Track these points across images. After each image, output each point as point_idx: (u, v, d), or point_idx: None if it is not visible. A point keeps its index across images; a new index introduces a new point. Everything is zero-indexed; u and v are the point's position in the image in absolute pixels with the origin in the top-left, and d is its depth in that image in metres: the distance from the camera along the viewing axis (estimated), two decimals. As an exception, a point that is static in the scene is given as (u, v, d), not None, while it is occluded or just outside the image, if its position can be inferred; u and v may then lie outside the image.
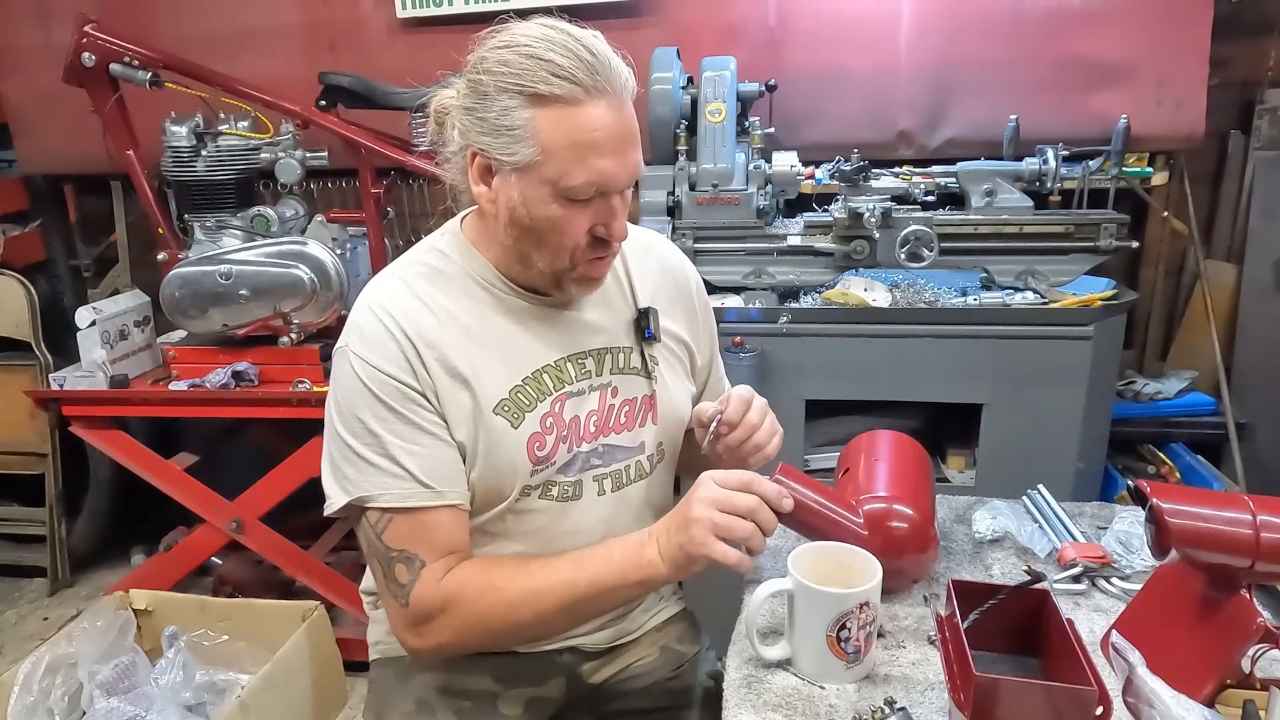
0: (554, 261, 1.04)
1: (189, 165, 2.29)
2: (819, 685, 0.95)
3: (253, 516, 2.36)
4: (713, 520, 0.94)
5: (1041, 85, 2.31)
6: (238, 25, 2.64)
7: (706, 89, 2.06)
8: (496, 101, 0.98)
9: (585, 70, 0.96)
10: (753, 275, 2.10)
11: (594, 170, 0.97)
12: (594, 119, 0.96)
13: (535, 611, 1.03)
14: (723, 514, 0.95)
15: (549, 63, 0.95)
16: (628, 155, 1.00)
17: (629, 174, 1.01)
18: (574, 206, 0.99)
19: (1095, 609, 1.07)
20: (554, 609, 1.03)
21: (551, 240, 1.02)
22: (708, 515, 0.94)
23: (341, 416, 1.06)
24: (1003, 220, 2.00)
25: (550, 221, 1.00)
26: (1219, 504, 0.88)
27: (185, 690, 1.88)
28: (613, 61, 0.99)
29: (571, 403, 1.12)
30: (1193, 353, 2.47)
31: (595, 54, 0.97)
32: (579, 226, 1.01)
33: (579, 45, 0.97)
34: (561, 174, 0.97)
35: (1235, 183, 2.43)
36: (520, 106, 0.97)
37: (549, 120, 0.96)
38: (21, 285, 2.74)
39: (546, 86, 0.95)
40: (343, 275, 2.26)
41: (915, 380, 2.00)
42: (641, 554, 1.00)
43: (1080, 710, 0.78)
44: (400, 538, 1.04)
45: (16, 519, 2.94)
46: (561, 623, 1.08)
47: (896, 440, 1.24)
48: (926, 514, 1.09)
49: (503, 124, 0.98)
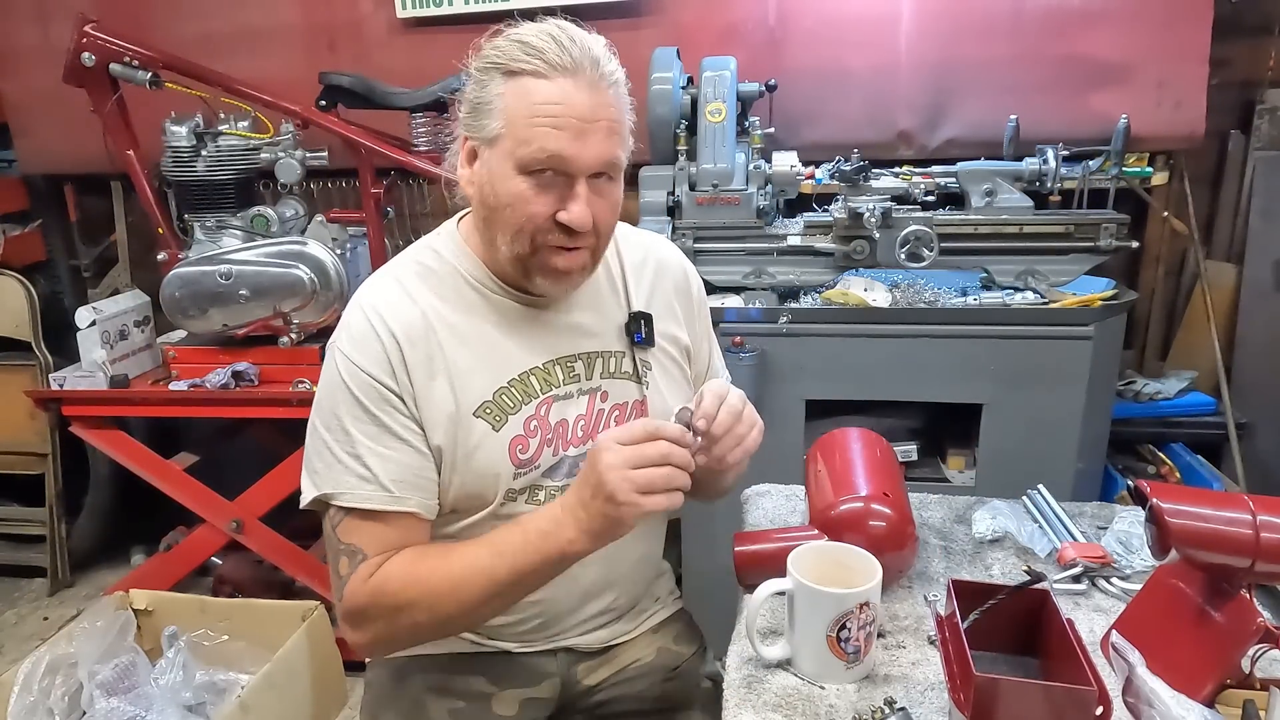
0: (514, 243, 1.03)
1: (189, 165, 2.29)
2: (819, 685, 0.95)
3: (253, 516, 2.36)
4: (631, 480, 0.92)
5: (1041, 85, 2.31)
6: (238, 25, 2.64)
7: (706, 89, 2.06)
8: (479, 80, 1.02)
9: (558, 50, 0.98)
10: (753, 275, 2.10)
11: (548, 141, 0.97)
12: (554, 92, 0.97)
13: (458, 602, 1.02)
14: (638, 470, 0.93)
15: (526, 43, 0.99)
16: (589, 138, 0.98)
17: (591, 157, 0.99)
18: (532, 183, 0.99)
19: (1095, 609, 1.07)
20: (478, 599, 1.02)
21: (511, 219, 1.01)
22: (623, 476, 0.92)
23: (320, 411, 1.08)
24: (1003, 220, 2.00)
25: (511, 198, 1.00)
26: (1219, 504, 0.88)
27: (185, 690, 1.88)
28: (594, 50, 1.00)
29: (558, 406, 1.12)
30: (1193, 353, 2.47)
31: (575, 39, 0.99)
32: (537, 206, 1.00)
33: (562, 32, 1.00)
34: (518, 144, 0.98)
35: (1235, 183, 2.43)
36: (495, 82, 1.00)
37: (514, 92, 0.99)
38: (21, 285, 2.74)
39: (518, 62, 0.98)
40: (343, 275, 2.26)
41: (915, 380, 2.00)
42: (559, 534, 0.98)
43: (1080, 710, 0.78)
44: (350, 533, 1.05)
45: (16, 519, 2.94)
46: (487, 611, 1.07)
47: (865, 438, 1.25)
48: (904, 511, 1.10)
49: (480, 99, 1.01)
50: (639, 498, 0.93)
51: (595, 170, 1.00)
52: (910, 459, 2.13)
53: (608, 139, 1.00)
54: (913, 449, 2.14)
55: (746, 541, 1.12)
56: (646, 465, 0.93)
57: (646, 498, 0.93)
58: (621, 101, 1.03)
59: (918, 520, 1.18)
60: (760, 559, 1.08)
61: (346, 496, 1.04)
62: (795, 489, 1.39)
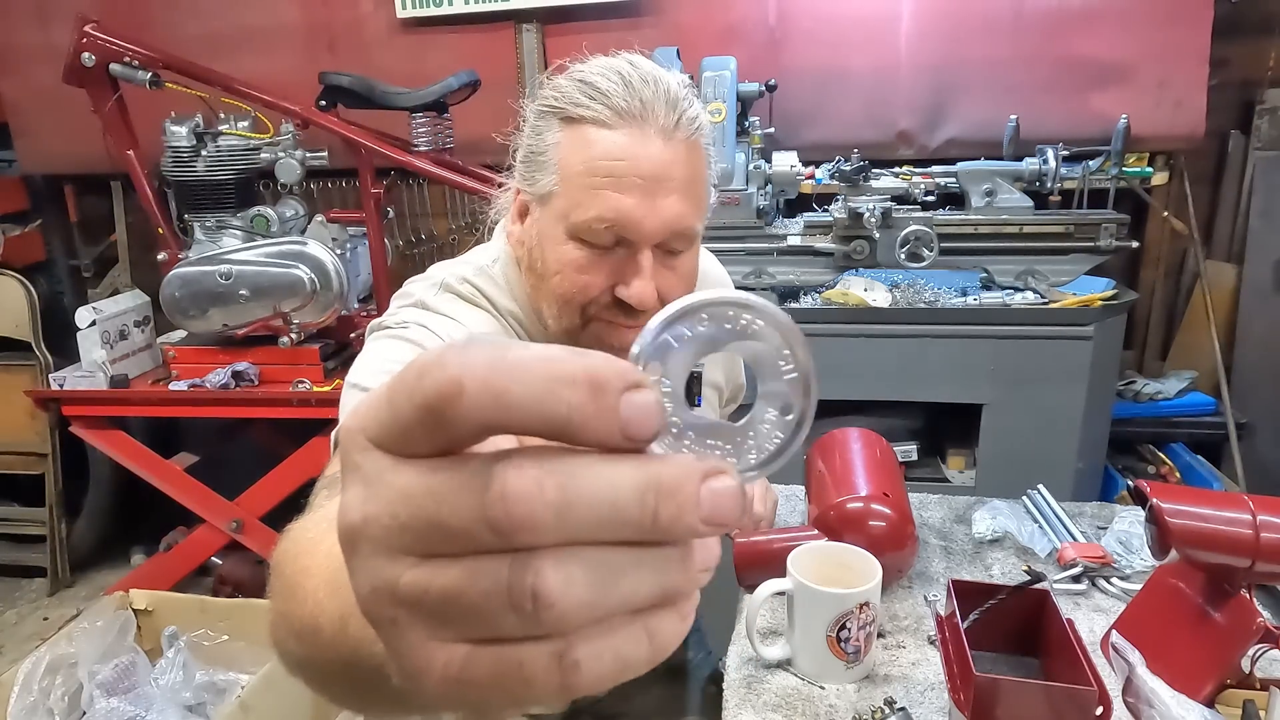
0: (564, 318, 0.89)
1: (189, 165, 2.29)
2: (819, 685, 0.95)
3: (253, 516, 2.36)
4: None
5: (1041, 85, 2.31)
6: (237, 25, 2.64)
7: (706, 89, 2.06)
8: (535, 125, 0.88)
9: (624, 92, 0.82)
10: (753, 275, 2.10)
11: (607, 205, 0.82)
12: (618, 145, 0.82)
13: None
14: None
15: (590, 85, 0.84)
16: (658, 199, 0.83)
17: (658, 224, 0.83)
18: (589, 252, 0.85)
19: (1095, 609, 1.07)
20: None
21: (560, 289, 0.87)
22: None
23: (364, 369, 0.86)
24: (1003, 220, 2.00)
25: (560, 265, 0.86)
26: (1219, 504, 0.88)
27: (185, 690, 1.88)
28: (671, 88, 0.84)
29: None
30: (1193, 353, 2.47)
31: (647, 80, 0.83)
32: (593, 278, 0.85)
33: (633, 70, 0.84)
34: (573, 205, 0.83)
35: (1235, 183, 2.43)
36: (552, 129, 0.85)
37: (572, 143, 0.84)
38: (21, 285, 2.74)
39: (578, 108, 0.83)
40: (343, 275, 2.26)
41: (915, 380, 2.00)
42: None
43: (1080, 710, 0.78)
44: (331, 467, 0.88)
45: (16, 519, 2.94)
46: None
47: (865, 438, 1.25)
48: (904, 510, 1.10)
49: (534, 148, 0.87)
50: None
51: (662, 239, 0.85)
52: (910, 459, 2.13)
53: (681, 202, 0.84)
54: (913, 449, 2.14)
55: (746, 541, 1.12)
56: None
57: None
58: (700, 155, 0.86)
59: (918, 520, 1.18)
60: (760, 558, 1.08)
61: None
62: (795, 489, 1.39)
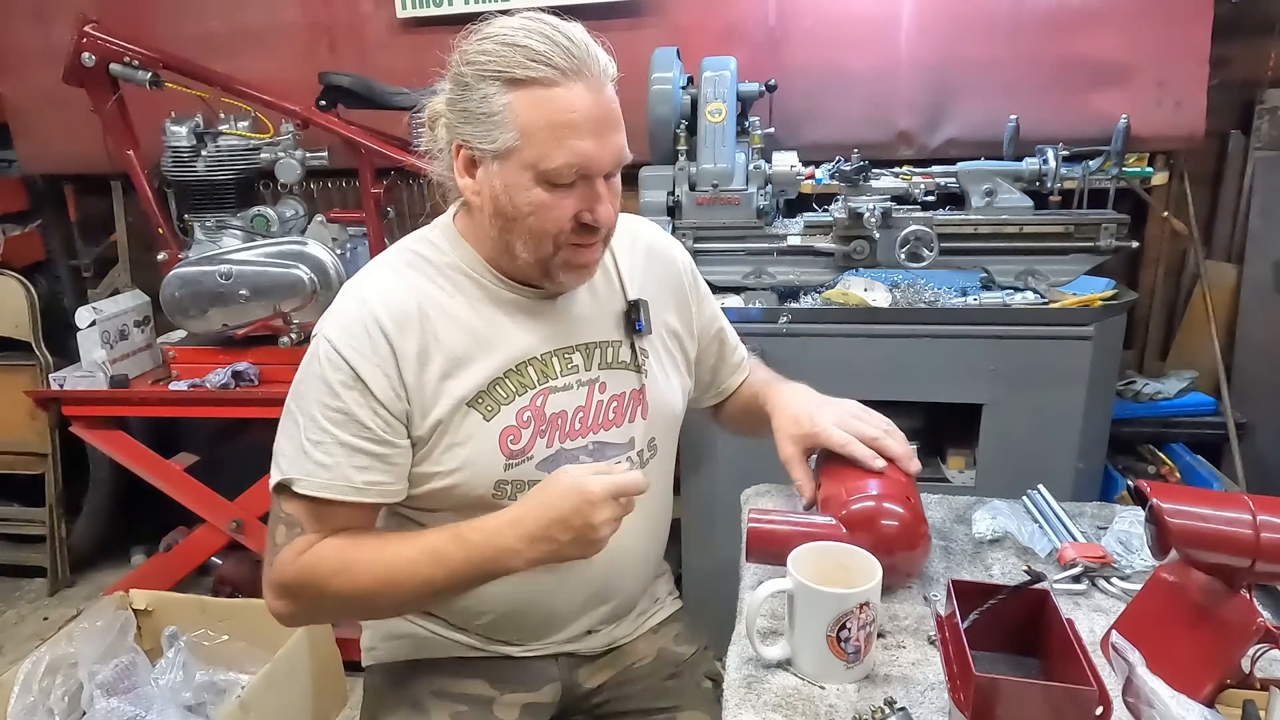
0: (538, 249, 1.04)
1: (189, 165, 2.29)
2: (819, 685, 0.95)
3: (253, 516, 2.36)
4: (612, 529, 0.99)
5: (1041, 85, 2.31)
6: (238, 25, 2.64)
7: (706, 89, 2.06)
8: (476, 90, 0.99)
9: (562, 54, 0.97)
10: (753, 275, 2.10)
11: (573, 151, 0.97)
12: (571, 100, 0.97)
13: (391, 601, 1.07)
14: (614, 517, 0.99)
15: (525, 48, 0.97)
16: (608, 137, 1.00)
17: (611, 156, 1.01)
18: (556, 191, 1.00)
19: (1095, 609, 1.07)
20: (409, 598, 1.07)
21: (534, 226, 1.02)
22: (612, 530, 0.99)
23: (295, 395, 1.07)
24: (1003, 220, 2.00)
25: (532, 207, 1.00)
26: (1219, 504, 0.88)
27: (185, 690, 1.88)
28: (590, 46, 1.00)
29: (555, 398, 1.11)
30: (1193, 353, 2.47)
31: (572, 39, 0.98)
32: (562, 212, 1.01)
33: (555, 31, 0.98)
34: (540, 156, 0.97)
35: (1235, 183, 2.43)
36: (499, 92, 0.98)
37: (527, 103, 0.97)
38: (21, 285, 2.74)
39: (523, 70, 0.96)
40: (343, 275, 2.25)
41: (915, 380, 2.00)
42: (506, 561, 1.00)
43: (1080, 710, 0.78)
44: (295, 508, 1.05)
45: (16, 519, 2.94)
46: (413, 610, 1.19)
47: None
48: (916, 510, 1.09)
49: (482, 111, 0.99)
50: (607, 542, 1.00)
51: (611, 169, 1.02)
52: (910, 459, 2.12)
53: (618, 134, 1.02)
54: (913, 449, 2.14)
55: (763, 517, 1.09)
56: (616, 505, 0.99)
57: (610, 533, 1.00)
58: (613, 90, 1.03)
59: (918, 520, 1.17)
60: (773, 538, 1.06)
61: (304, 484, 1.03)
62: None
